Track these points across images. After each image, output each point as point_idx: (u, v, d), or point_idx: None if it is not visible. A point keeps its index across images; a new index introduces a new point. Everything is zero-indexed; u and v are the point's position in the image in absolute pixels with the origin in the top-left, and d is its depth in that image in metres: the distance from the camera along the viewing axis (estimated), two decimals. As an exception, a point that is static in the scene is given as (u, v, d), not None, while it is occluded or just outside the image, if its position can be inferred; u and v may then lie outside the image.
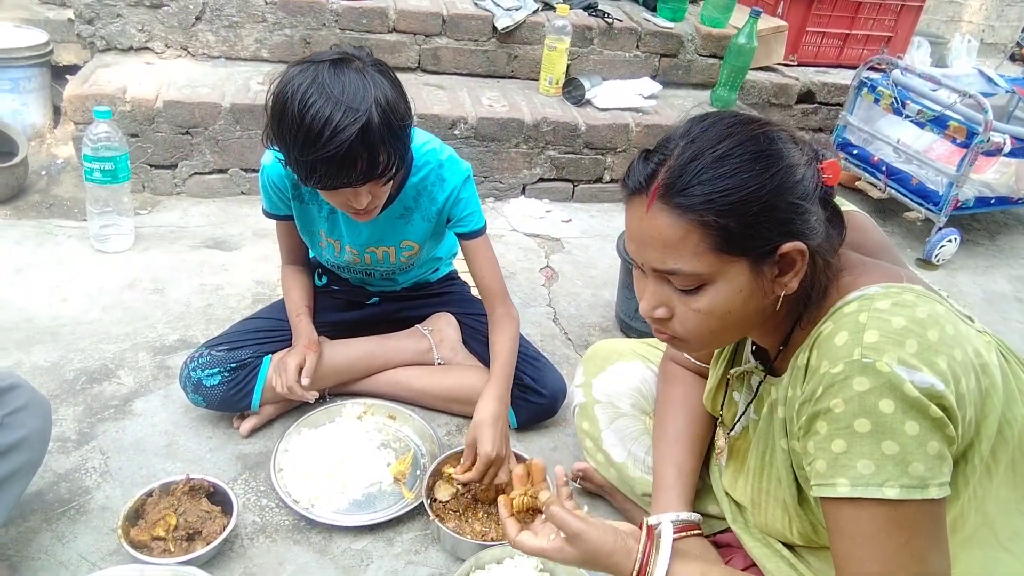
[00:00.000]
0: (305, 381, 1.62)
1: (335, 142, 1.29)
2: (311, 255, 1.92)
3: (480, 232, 1.71)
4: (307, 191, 1.67)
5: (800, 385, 0.96)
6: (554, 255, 2.70)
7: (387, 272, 1.81)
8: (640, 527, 1.06)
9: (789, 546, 1.19)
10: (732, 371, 1.19)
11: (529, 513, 1.20)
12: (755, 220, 0.89)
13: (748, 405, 1.15)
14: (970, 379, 0.88)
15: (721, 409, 1.26)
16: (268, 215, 1.74)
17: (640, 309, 1.01)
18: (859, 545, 0.88)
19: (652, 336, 1.86)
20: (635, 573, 1.02)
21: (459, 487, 1.58)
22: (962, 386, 0.87)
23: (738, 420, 1.18)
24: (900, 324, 0.87)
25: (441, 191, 1.65)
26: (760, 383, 1.12)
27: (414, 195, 1.66)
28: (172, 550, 1.37)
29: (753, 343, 1.17)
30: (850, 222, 1.04)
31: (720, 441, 1.24)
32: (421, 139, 1.65)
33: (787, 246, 0.91)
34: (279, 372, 1.65)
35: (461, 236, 1.70)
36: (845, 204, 1.09)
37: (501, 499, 1.17)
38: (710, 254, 0.91)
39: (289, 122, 1.32)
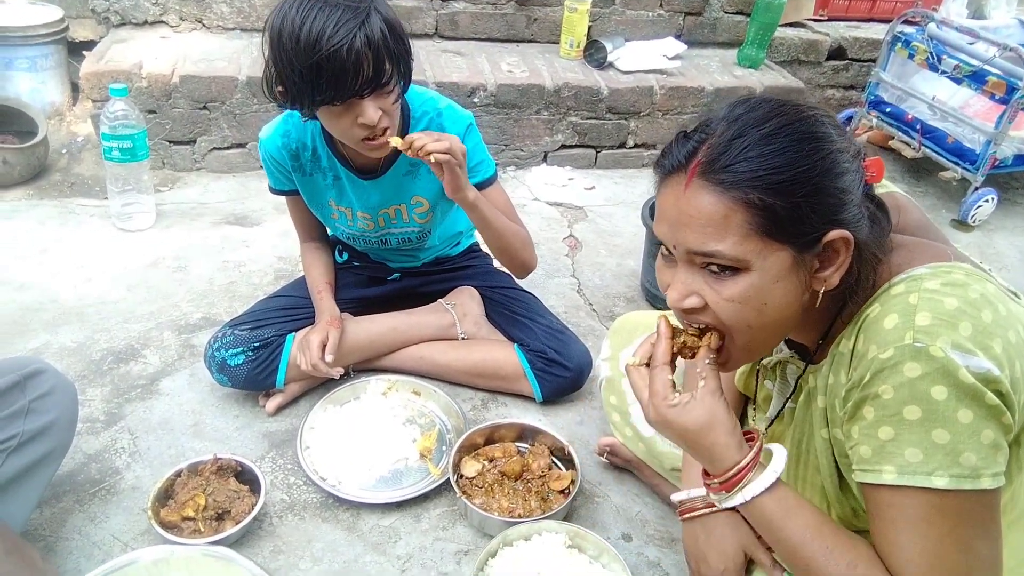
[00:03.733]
0: (329, 358, 1.62)
1: (338, 38, 1.29)
2: (330, 234, 1.91)
3: (491, 180, 1.68)
4: (308, 161, 1.65)
5: (845, 371, 0.91)
6: (577, 224, 2.65)
7: (404, 239, 1.78)
8: (753, 439, 0.96)
9: None
10: (765, 360, 1.14)
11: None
12: (803, 203, 0.84)
13: (786, 400, 1.10)
14: None
15: (755, 392, 1.22)
16: (274, 191, 1.74)
17: (669, 299, 0.93)
18: (901, 531, 0.85)
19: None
20: (737, 465, 0.92)
21: (485, 463, 1.58)
22: (1017, 370, 0.83)
23: (778, 415, 1.13)
24: (953, 305, 0.82)
25: None
26: (799, 377, 1.06)
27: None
28: (202, 530, 1.38)
29: None
30: (888, 202, 0.98)
31: (761, 427, 1.20)
32: (416, 90, 1.63)
33: (833, 234, 0.85)
34: (303, 350, 1.64)
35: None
36: (884, 185, 1.03)
37: (664, 320, 1.01)
38: (754, 237, 0.85)
39: (288, 34, 1.31)
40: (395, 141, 1.44)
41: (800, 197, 0.84)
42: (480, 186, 1.65)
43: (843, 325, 0.94)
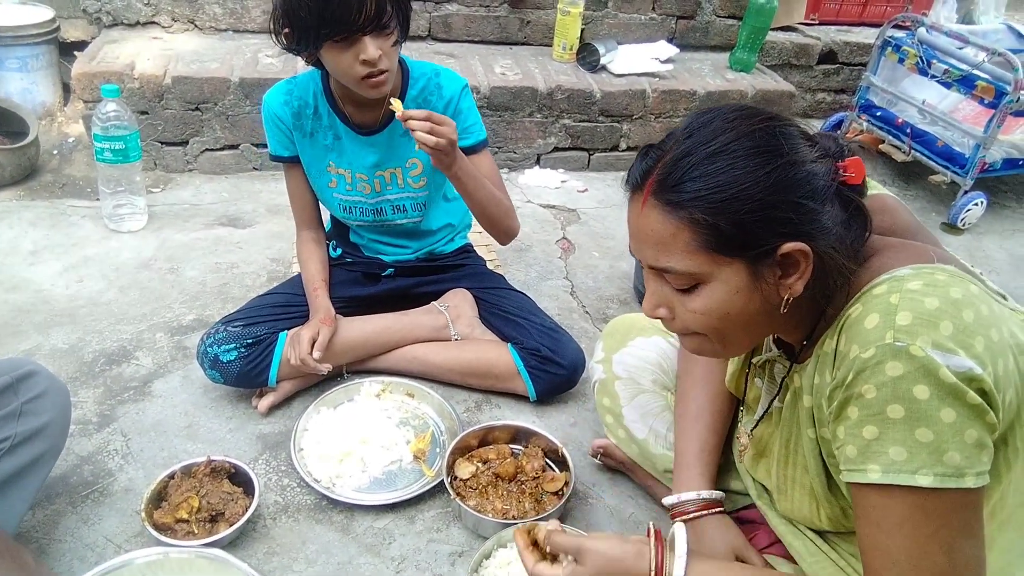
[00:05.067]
0: (316, 354, 1.62)
1: None
2: (327, 228, 1.91)
3: (481, 145, 1.74)
4: (310, 119, 1.70)
5: (829, 371, 0.92)
6: (570, 226, 2.66)
7: (399, 206, 1.80)
8: (648, 533, 1.03)
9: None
10: (754, 359, 1.15)
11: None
12: (748, 219, 0.86)
13: (773, 399, 1.11)
14: (1008, 360, 0.85)
15: (744, 393, 1.23)
16: (275, 158, 1.77)
17: (642, 309, 1.00)
18: (886, 532, 0.85)
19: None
20: (652, 573, 0.99)
21: (479, 465, 1.58)
22: (999, 367, 0.83)
23: (763, 414, 1.14)
24: (934, 305, 0.83)
25: (439, 99, 1.68)
26: (785, 376, 1.08)
27: (415, 108, 1.65)
28: (196, 532, 1.38)
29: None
30: (876, 204, 0.99)
31: (748, 428, 1.21)
32: (414, 59, 1.73)
33: (787, 247, 0.87)
34: (293, 345, 1.65)
35: (462, 151, 1.65)
36: (875, 187, 1.04)
37: (516, 533, 1.13)
38: (701, 253, 0.89)
39: None
40: (396, 105, 1.51)
41: (744, 214, 0.86)
42: (471, 149, 1.71)
43: (827, 325, 0.95)
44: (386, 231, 1.86)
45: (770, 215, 0.86)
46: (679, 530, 1.01)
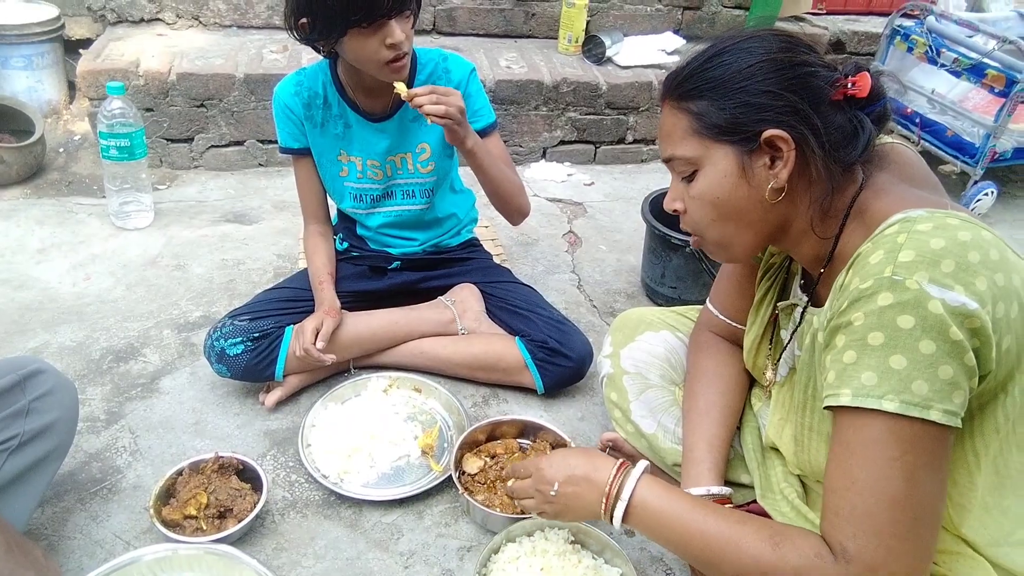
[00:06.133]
0: (320, 344, 1.62)
1: None
2: (334, 221, 1.92)
3: (491, 128, 1.76)
4: (320, 109, 1.71)
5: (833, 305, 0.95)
6: (577, 220, 2.65)
7: (408, 191, 1.81)
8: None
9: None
10: (780, 304, 1.19)
11: None
12: (730, 104, 0.96)
13: (792, 336, 1.14)
14: (1011, 306, 0.85)
15: (769, 348, 1.23)
16: (285, 151, 1.77)
17: (664, 203, 1.12)
18: (851, 452, 0.88)
19: (679, 303, 1.83)
20: (610, 479, 1.10)
21: (487, 459, 1.57)
22: (1000, 310, 0.84)
23: (783, 351, 1.16)
24: (939, 245, 0.84)
25: (447, 83, 1.70)
26: (803, 312, 1.11)
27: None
28: (204, 528, 1.38)
29: (802, 278, 1.15)
30: (893, 153, 1.04)
31: (768, 373, 1.23)
32: (420, 47, 1.75)
33: (769, 132, 0.95)
34: (297, 336, 1.65)
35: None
36: (882, 139, 1.06)
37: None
38: (693, 138, 1.00)
39: None
40: (400, 88, 1.53)
41: (727, 100, 0.97)
42: (482, 132, 1.72)
43: (842, 265, 0.96)
44: (393, 221, 1.86)
45: (751, 101, 0.95)
46: (641, 461, 1.13)
